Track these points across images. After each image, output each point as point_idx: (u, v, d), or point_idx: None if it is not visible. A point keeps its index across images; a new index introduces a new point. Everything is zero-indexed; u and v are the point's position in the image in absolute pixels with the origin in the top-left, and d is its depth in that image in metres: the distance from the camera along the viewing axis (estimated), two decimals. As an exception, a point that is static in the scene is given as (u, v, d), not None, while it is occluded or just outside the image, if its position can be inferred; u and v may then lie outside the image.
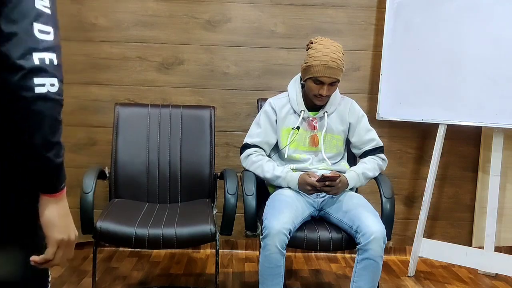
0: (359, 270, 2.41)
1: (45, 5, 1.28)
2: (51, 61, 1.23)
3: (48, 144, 1.16)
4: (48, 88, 1.15)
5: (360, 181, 2.68)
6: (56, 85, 1.18)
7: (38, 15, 1.24)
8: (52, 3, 1.32)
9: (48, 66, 1.18)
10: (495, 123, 3.17)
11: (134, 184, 2.97)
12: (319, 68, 2.54)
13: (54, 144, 1.17)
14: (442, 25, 3.26)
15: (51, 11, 1.31)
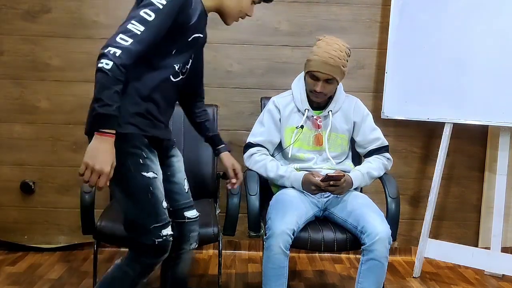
0: (363, 271, 2.38)
1: (137, 28, 1.84)
2: (114, 52, 1.78)
3: (96, 98, 1.77)
4: (103, 65, 1.76)
5: (365, 180, 2.65)
6: (110, 65, 1.76)
7: (126, 30, 1.84)
8: (148, 32, 1.84)
9: (110, 55, 1.77)
10: (501, 122, 3.14)
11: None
12: (315, 63, 2.53)
13: (98, 99, 1.76)
14: (448, 22, 3.22)
15: (141, 33, 1.83)
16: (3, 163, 3.52)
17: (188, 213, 2.22)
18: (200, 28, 2.06)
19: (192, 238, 2.26)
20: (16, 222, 3.56)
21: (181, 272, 2.30)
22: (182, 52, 2.03)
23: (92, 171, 1.75)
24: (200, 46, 2.19)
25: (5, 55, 3.43)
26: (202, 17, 2.07)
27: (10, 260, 3.36)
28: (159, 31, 1.87)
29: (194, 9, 1.98)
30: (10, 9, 3.40)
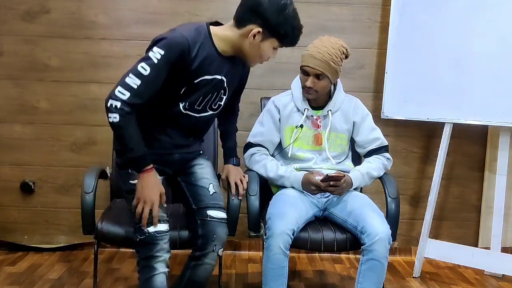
0: (363, 271, 2.38)
1: (134, 82, 2.04)
2: (115, 106, 2.01)
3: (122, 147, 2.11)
4: (113, 120, 2.03)
5: (365, 180, 2.64)
6: (117, 117, 2.01)
7: (123, 83, 2.04)
8: (144, 85, 2.04)
9: (113, 108, 2.01)
10: (501, 122, 3.14)
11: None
12: (304, 58, 2.57)
13: (124, 148, 2.08)
14: (448, 22, 3.22)
15: (137, 87, 2.03)
16: (3, 163, 3.52)
17: (211, 212, 2.32)
18: (209, 71, 2.19)
19: (216, 239, 2.29)
20: (16, 222, 3.56)
21: (198, 275, 2.32)
22: (191, 93, 2.22)
23: (144, 204, 2.09)
24: (219, 86, 2.29)
25: (4, 56, 3.43)
26: (213, 60, 2.19)
27: (10, 260, 3.36)
28: (155, 83, 2.08)
29: (196, 55, 2.12)
30: (10, 10, 3.40)
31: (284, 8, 2.14)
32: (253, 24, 2.15)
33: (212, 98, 2.30)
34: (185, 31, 2.13)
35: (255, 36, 2.16)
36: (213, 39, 2.21)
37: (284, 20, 2.15)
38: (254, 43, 2.18)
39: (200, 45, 2.14)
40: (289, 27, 2.17)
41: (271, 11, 2.12)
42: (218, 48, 2.21)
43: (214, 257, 2.32)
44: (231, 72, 2.31)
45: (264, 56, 2.23)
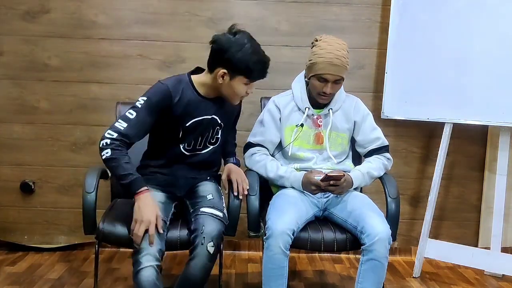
0: (363, 271, 2.38)
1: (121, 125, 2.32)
2: (106, 142, 2.26)
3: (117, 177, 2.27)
4: (105, 155, 2.25)
5: (365, 180, 2.64)
6: (109, 152, 2.24)
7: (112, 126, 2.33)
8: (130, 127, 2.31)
9: (105, 145, 2.26)
10: (501, 122, 3.14)
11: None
12: (323, 66, 2.51)
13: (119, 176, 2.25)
14: (448, 22, 3.22)
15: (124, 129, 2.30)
16: (3, 163, 3.52)
17: (204, 209, 2.39)
18: (196, 113, 2.45)
19: (205, 233, 2.27)
20: (16, 222, 3.56)
21: (189, 271, 2.29)
22: (188, 135, 2.48)
23: (140, 224, 2.20)
24: (213, 124, 2.52)
25: (4, 56, 3.43)
26: (197, 104, 2.45)
27: (10, 260, 3.36)
28: (140, 125, 2.33)
29: (179, 100, 2.40)
30: (10, 10, 3.40)
31: (242, 46, 2.32)
32: (220, 67, 2.36)
33: (209, 135, 2.54)
34: (166, 81, 2.43)
35: (224, 77, 2.37)
36: (195, 85, 2.46)
37: (244, 57, 2.32)
38: (225, 84, 2.39)
39: (182, 92, 2.41)
40: (250, 63, 2.33)
41: (231, 52, 2.32)
42: (200, 92, 2.46)
43: (204, 252, 2.25)
44: (222, 110, 2.54)
45: (238, 93, 2.42)
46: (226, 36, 2.36)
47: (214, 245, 2.28)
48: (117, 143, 2.27)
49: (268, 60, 2.41)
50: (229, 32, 2.37)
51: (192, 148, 2.53)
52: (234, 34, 2.36)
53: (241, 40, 2.34)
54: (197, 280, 2.30)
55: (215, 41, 2.38)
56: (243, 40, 2.34)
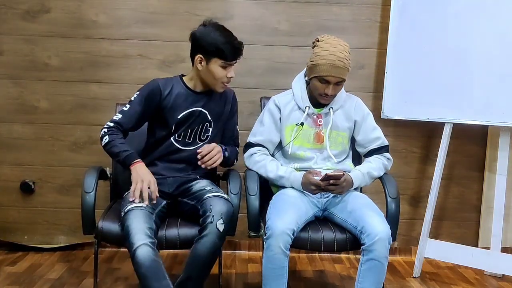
0: (363, 271, 2.38)
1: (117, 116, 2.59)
2: (104, 131, 2.54)
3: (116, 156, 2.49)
4: (104, 141, 2.51)
5: (365, 180, 2.64)
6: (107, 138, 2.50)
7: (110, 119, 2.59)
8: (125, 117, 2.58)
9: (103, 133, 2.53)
10: (501, 122, 3.14)
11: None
12: (325, 67, 2.51)
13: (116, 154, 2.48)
14: (448, 22, 3.22)
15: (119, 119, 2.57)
16: (3, 163, 3.52)
17: (209, 194, 2.49)
18: (186, 105, 2.64)
19: (213, 211, 2.35)
20: (16, 222, 3.56)
21: (198, 249, 2.34)
22: (180, 127, 2.64)
23: (137, 183, 2.39)
24: (202, 119, 2.68)
25: (4, 55, 3.43)
26: (187, 96, 2.66)
27: (10, 260, 3.36)
28: (132, 115, 2.58)
29: (169, 94, 2.63)
30: (10, 9, 3.40)
31: (211, 31, 2.55)
32: (196, 54, 2.58)
33: (199, 130, 2.68)
34: (157, 79, 2.70)
35: (201, 62, 2.57)
36: (184, 80, 2.71)
37: (213, 39, 2.52)
38: (204, 69, 2.58)
39: (172, 86, 2.65)
40: (219, 44, 2.52)
41: (201, 37, 2.55)
42: (189, 86, 2.68)
43: (213, 229, 2.32)
44: (210, 104, 2.70)
45: (217, 76, 2.58)
46: (198, 28, 2.61)
47: (223, 222, 2.35)
48: (112, 130, 2.54)
49: (238, 42, 2.57)
50: (202, 24, 2.61)
51: (182, 139, 2.66)
52: (205, 25, 2.60)
53: (210, 27, 2.58)
54: (205, 258, 2.36)
55: (190, 35, 2.61)
56: (212, 27, 2.58)
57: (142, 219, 2.30)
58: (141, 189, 2.39)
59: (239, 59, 2.62)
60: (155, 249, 2.25)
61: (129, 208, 2.34)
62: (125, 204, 2.41)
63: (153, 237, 2.29)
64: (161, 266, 2.26)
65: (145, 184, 2.40)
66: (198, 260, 2.36)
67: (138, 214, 2.31)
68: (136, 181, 2.41)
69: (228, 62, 2.56)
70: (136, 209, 2.33)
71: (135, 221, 2.28)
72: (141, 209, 2.34)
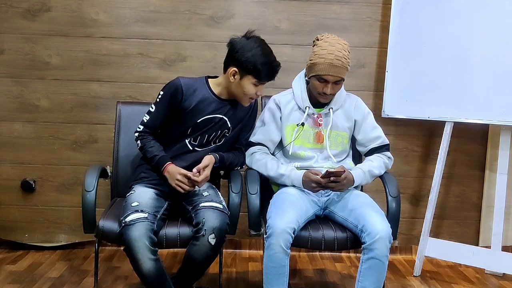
0: (364, 269, 2.38)
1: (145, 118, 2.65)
2: (136, 135, 2.67)
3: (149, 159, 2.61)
4: (138, 145, 2.64)
5: (366, 178, 2.64)
6: (139, 144, 2.64)
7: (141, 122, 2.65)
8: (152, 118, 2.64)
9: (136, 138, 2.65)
10: (502, 121, 3.14)
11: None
12: (323, 66, 2.51)
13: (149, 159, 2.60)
14: (449, 21, 3.22)
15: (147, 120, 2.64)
16: (3, 161, 3.52)
17: (203, 204, 2.46)
18: (208, 111, 2.60)
19: (206, 225, 2.34)
20: (16, 220, 3.56)
21: (193, 254, 2.38)
22: (197, 131, 2.62)
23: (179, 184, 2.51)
24: (222, 126, 2.65)
25: (5, 54, 3.43)
26: (211, 102, 2.61)
27: (10, 258, 3.36)
28: (158, 116, 2.62)
29: (192, 97, 2.58)
30: (10, 8, 3.39)
31: (252, 48, 2.50)
32: (231, 66, 2.53)
33: (216, 135, 2.66)
34: (182, 77, 2.63)
35: (235, 76, 2.54)
36: (210, 85, 2.65)
37: (253, 58, 2.48)
38: (235, 82, 2.55)
39: (196, 89, 2.60)
40: (258, 64, 2.49)
41: (242, 52, 2.50)
42: (214, 92, 2.63)
43: (205, 242, 2.34)
44: (232, 113, 2.66)
45: (247, 93, 2.55)
46: (240, 38, 2.56)
47: (215, 237, 2.35)
48: (143, 134, 2.63)
49: (277, 64, 2.57)
50: (244, 36, 2.57)
51: (197, 143, 2.65)
52: (248, 37, 2.55)
53: (253, 42, 2.53)
54: (198, 264, 2.42)
55: (229, 42, 2.57)
56: (254, 42, 2.53)
57: (144, 232, 2.29)
58: (181, 185, 2.50)
59: (272, 80, 2.59)
60: (157, 258, 2.33)
61: (130, 219, 2.31)
62: (126, 209, 2.39)
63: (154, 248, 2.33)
64: (163, 272, 2.36)
65: (180, 179, 2.49)
66: (190, 265, 2.43)
67: (139, 227, 2.29)
68: (173, 183, 2.51)
69: (261, 82, 2.55)
70: (137, 222, 2.30)
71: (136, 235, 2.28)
72: (142, 221, 2.31)
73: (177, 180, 2.50)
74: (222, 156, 2.64)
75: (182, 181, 2.50)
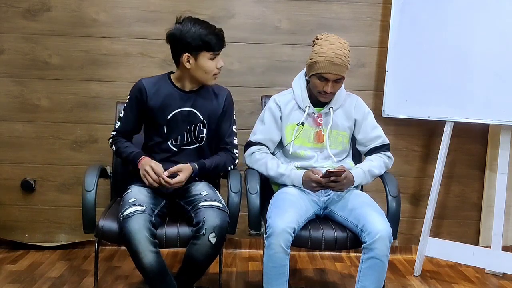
0: (364, 269, 2.38)
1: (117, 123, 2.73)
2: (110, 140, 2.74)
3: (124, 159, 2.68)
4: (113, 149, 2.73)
5: (366, 178, 2.64)
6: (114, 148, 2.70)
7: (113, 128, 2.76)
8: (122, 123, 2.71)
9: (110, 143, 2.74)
10: (502, 121, 3.14)
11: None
12: (323, 65, 2.51)
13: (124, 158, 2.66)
14: (449, 21, 3.22)
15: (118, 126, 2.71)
16: (3, 161, 3.52)
17: (203, 203, 2.44)
18: (175, 105, 2.62)
19: (207, 223, 2.34)
20: (16, 220, 3.56)
21: (193, 253, 2.38)
22: (172, 129, 2.64)
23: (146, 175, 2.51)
24: (194, 119, 2.66)
25: (5, 54, 3.43)
26: (175, 97, 2.64)
27: (11, 258, 3.36)
28: (128, 120, 2.68)
29: (156, 94, 2.62)
30: (10, 8, 3.39)
31: (191, 27, 2.50)
32: (182, 54, 2.53)
33: (192, 130, 2.67)
34: (144, 78, 2.69)
35: (189, 61, 2.53)
36: (172, 80, 2.67)
37: (196, 33, 2.49)
38: (193, 67, 2.55)
39: (159, 87, 2.64)
40: (203, 36, 2.49)
41: (183, 36, 2.50)
42: (177, 86, 2.66)
43: (205, 241, 2.33)
44: (201, 103, 2.67)
45: (208, 70, 2.56)
46: (174, 27, 2.54)
47: (216, 235, 2.34)
48: (115, 138, 2.69)
49: (220, 30, 2.56)
50: (176, 23, 2.55)
51: (179, 144, 2.67)
52: (181, 22, 2.54)
53: (187, 22, 2.52)
54: (199, 263, 2.41)
55: (168, 36, 2.56)
56: (189, 22, 2.53)
57: (143, 224, 2.30)
58: (146, 176, 2.50)
59: (224, 47, 2.59)
60: (158, 252, 2.32)
61: (128, 212, 2.33)
62: (124, 205, 2.40)
63: (155, 240, 2.33)
64: (165, 267, 2.36)
65: (148, 171, 2.49)
66: (191, 264, 2.42)
67: (138, 220, 2.31)
68: (142, 174, 2.52)
69: (215, 52, 2.55)
70: (135, 214, 2.32)
71: (136, 228, 2.28)
72: (140, 213, 2.33)
73: (144, 171, 2.51)
74: (202, 163, 2.62)
75: (148, 173, 2.50)
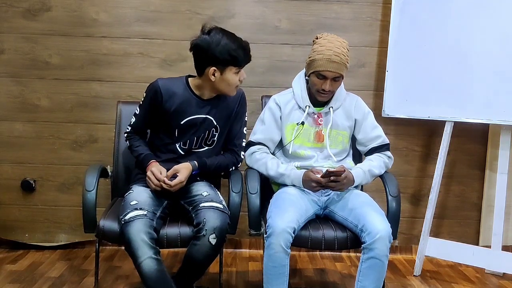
0: (364, 269, 2.38)
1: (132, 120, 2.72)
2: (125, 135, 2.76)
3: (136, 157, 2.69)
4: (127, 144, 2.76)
5: (366, 178, 2.64)
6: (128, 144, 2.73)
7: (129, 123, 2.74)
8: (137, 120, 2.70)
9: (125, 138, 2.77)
10: (502, 120, 3.14)
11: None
12: (322, 62, 2.52)
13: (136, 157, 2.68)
14: (449, 21, 3.22)
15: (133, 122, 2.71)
16: (4, 161, 3.52)
17: (204, 204, 2.45)
18: (190, 112, 2.59)
19: (207, 224, 2.34)
20: (17, 220, 3.56)
21: (193, 253, 2.38)
22: (183, 134, 2.63)
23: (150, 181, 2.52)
24: (208, 125, 2.64)
25: (5, 53, 3.43)
26: (192, 103, 2.60)
27: (11, 258, 3.36)
28: (142, 118, 2.66)
29: (173, 99, 2.58)
30: (11, 7, 3.39)
31: (220, 40, 2.46)
32: (208, 66, 2.49)
33: (205, 136, 2.66)
34: (161, 79, 2.64)
35: (215, 74, 2.50)
36: (191, 86, 2.63)
37: (225, 49, 2.45)
38: (218, 79, 2.51)
39: (176, 91, 2.59)
40: (232, 51, 2.46)
41: (211, 49, 2.45)
42: (196, 93, 2.62)
43: (205, 242, 2.33)
44: (216, 111, 2.65)
45: (232, 84, 2.54)
46: (201, 37, 2.49)
47: (216, 236, 2.34)
48: (130, 135, 2.71)
49: (246, 44, 2.54)
50: (203, 33, 2.51)
51: (188, 148, 2.65)
52: (208, 33, 2.50)
53: (216, 35, 2.48)
54: (199, 263, 2.41)
55: (194, 46, 2.51)
56: (217, 34, 2.48)
57: (143, 230, 2.29)
58: (151, 184, 2.50)
59: (250, 61, 2.57)
60: (158, 259, 2.30)
61: (129, 217, 2.32)
62: (126, 208, 2.39)
63: (156, 246, 2.32)
64: (165, 274, 2.32)
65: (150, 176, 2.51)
66: (191, 264, 2.42)
67: (139, 225, 2.30)
68: (147, 179, 2.53)
69: (241, 67, 2.53)
70: (136, 219, 2.31)
71: (136, 233, 2.28)
72: (141, 218, 2.33)
73: (147, 177, 2.53)
74: (203, 161, 2.62)
75: (150, 178, 2.51)
